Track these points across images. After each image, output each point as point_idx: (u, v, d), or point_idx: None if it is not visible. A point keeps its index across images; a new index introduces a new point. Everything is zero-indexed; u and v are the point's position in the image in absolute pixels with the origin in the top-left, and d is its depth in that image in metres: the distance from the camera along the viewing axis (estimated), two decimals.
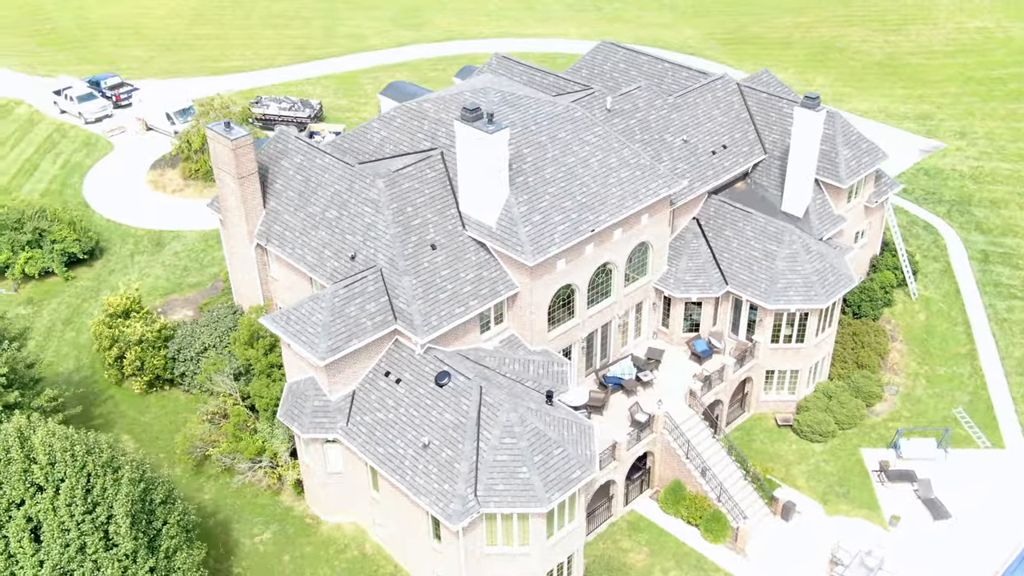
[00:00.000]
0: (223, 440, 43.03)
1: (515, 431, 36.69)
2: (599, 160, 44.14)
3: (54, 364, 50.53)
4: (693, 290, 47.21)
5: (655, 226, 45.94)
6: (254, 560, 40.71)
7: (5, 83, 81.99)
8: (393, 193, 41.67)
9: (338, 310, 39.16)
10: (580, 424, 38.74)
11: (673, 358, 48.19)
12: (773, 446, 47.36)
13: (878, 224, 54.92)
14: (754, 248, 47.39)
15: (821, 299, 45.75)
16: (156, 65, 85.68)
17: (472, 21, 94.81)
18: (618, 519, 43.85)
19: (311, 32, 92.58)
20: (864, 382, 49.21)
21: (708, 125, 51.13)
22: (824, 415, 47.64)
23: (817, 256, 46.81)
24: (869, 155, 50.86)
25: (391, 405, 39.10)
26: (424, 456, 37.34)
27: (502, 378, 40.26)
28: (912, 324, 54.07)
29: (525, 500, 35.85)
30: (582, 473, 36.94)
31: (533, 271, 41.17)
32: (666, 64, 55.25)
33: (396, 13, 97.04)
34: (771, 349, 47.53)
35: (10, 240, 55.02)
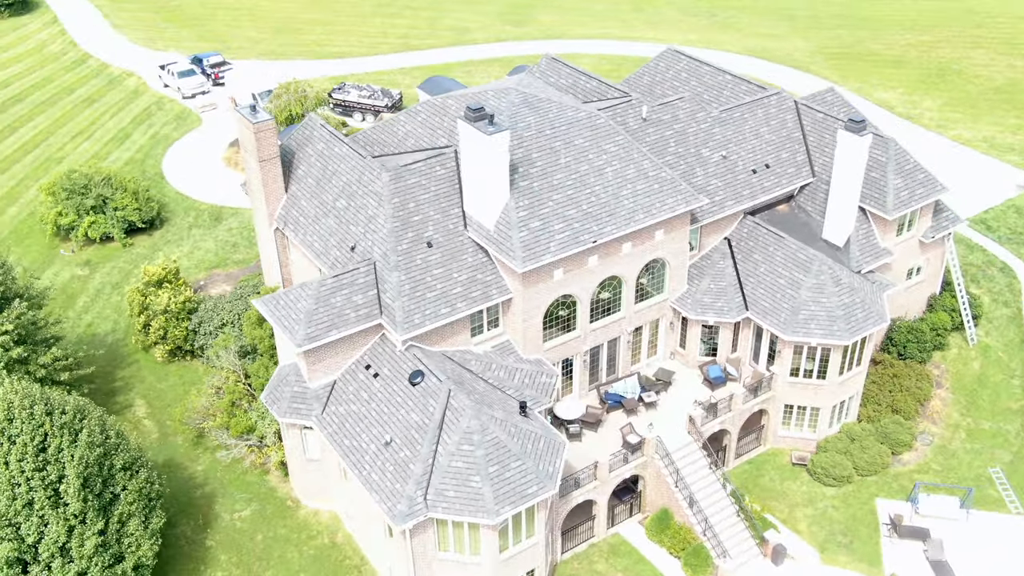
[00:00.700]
0: (220, 415, 44.03)
1: (474, 439, 36.02)
2: (615, 170, 42.80)
3: (94, 325, 52.94)
4: (710, 313, 45.23)
5: (672, 243, 44.22)
6: (228, 535, 41.51)
7: (124, 55, 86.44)
8: (397, 187, 41.56)
9: (324, 299, 39.38)
10: (550, 439, 37.70)
11: (686, 381, 46.34)
12: (782, 484, 44.90)
13: (938, 261, 51.21)
14: (780, 275, 44.99)
15: (844, 335, 43.01)
16: (264, 47, 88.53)
17: (577, 21, 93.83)
18: (600, 540, 42.52)
19: (417, 23, 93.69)
20: (893, 428, 46.03)
21: (753, 142, 48.83)
22: (842, 458, 44.84)
23: (847, 289, 44.01)
24: (924, 187, 47.44)
25: (365, 399, 39.07)
26: (384, 453, 37.15)
27: (482, 384, 39.62)
28: (963, 372, 50.22)
29: (473, 510, 35.17)
30: (538, 489, 35.93)
31: (525, 278, 40.31)
32: (727, 76, 53.19)
33: (503, 8, 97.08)
34: (790, 383, 45.06)
35: (76, 204, 57.90)
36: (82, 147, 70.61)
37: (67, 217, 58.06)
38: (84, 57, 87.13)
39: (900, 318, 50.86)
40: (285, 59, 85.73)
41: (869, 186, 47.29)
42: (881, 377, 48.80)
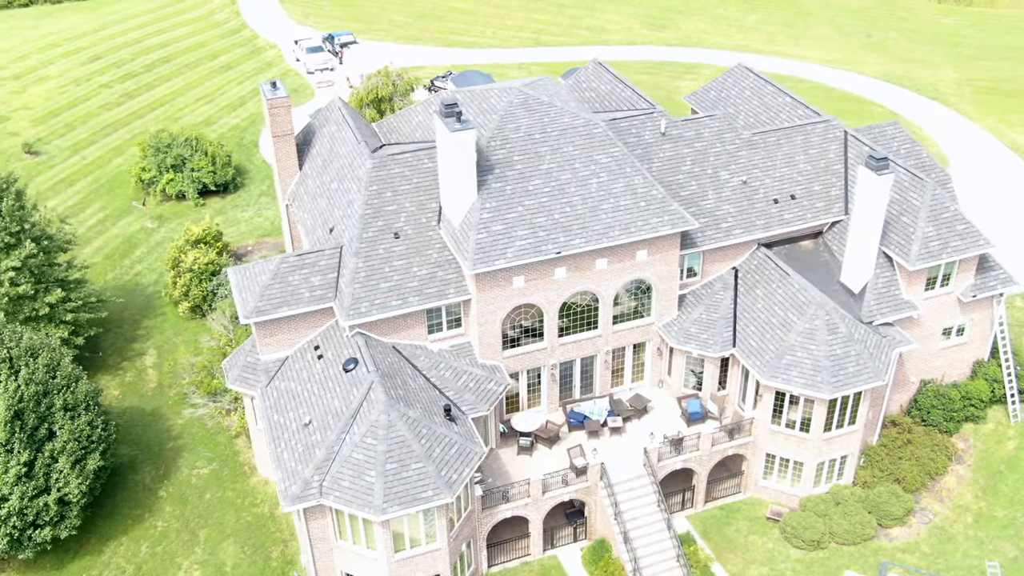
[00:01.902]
0: (199, 374, 45.98)
1: (378, 433, 35.82)
2: (600, 182, 41.17)
3: (141, 275, 56.46)
4: (693, 344, 42.74)
5: (658, 265, 42.05)
6: (181, 489, 43.31)
7: (276, 28, 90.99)
8: (378, 175, 41.78)
9: (282, 276, 40.24)
10: (464, 447, 36.88)
11: (664, 412, 44.08)
12: (748, 537, 41.88)
13: (986, 323, 45.95)
14: (776, 314, 41.87)
15: (825, 388, 39.52)
16: (403, 31, 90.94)
17: (721, 31, 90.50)
18: (534, 560, 41.23)
19: (558, 19, 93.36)
20: (887, 498, 41.86)
21: (783, 170, 45.59)
22: (818, 521, 41.31)
23: (843, 340, 40.35)
24: (963, 239, 42.67)
25: (304, 378, 39.66)
26: (300, 433, 37.60)
27: (420, 381, 39.28)
28: (993, 450, 44.92)
29: (361, 504, 35.02)
30: (433, 495, 35.27)
31: (479, 280, 39.55)
32: (787, 98, 49.98)
33: (650, 11, 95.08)
34: (771, 431, 41.90)
35: (159, 161, 61.83)
36: (200, 110, 75.19)
37: (149, 173, 62.13)
38: (241, 27, 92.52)
39: (933, 381, 46.11)
40: (419, 44, 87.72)
41: (898, 231, 43.09)
42: (894, 441, 44.54)
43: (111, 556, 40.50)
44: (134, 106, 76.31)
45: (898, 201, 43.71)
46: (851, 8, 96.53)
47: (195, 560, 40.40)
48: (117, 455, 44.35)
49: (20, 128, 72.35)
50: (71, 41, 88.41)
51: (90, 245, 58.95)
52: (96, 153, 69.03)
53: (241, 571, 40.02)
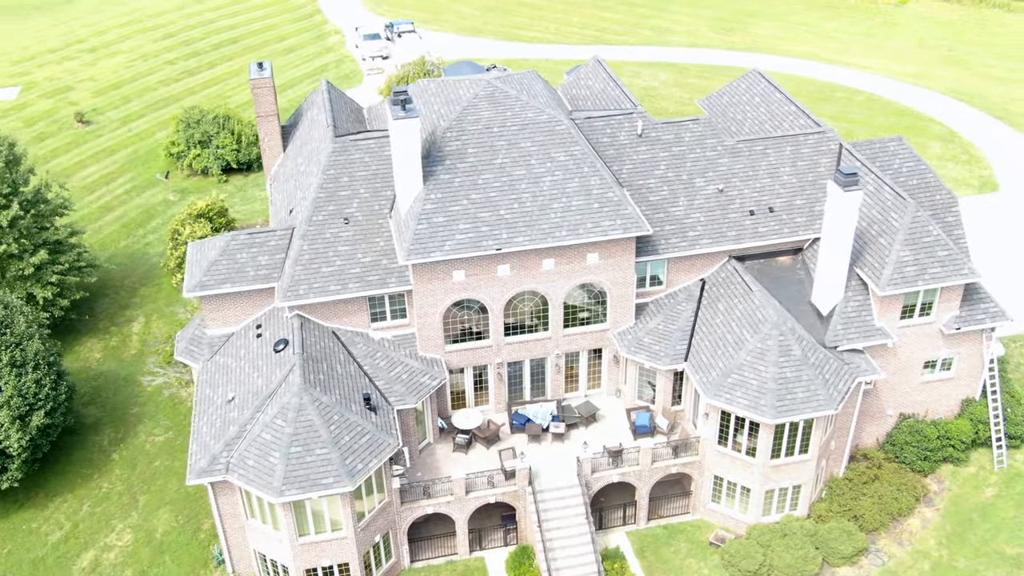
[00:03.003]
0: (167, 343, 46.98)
1: (288, 415, 35.76)
2: (555, 181, 40.05)
3: (150, 245, 58.10)
4: (643, 354, 41.17)
5: (611, 270, 40.65)
6: (133, 454, 44.32)
7: (347, 14, 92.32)
8: (337, 160, 41.78)
9: (230, 253, 40.68)
10: (376, 438, 36.43)
11: (615, 423, 42.66)
12: (685, 560, 40.12)
13: (976, 359, 42.71)
14: (732, 330, 39.93)
15: (768, 412, 37.45)
16: (467, 23, 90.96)
17: (794, 37, 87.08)
18: (460, 560, 40.49)
19: (625, 18, 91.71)
20: (837, 535, 39.43)
21: (765, 181, 43.46)
22: (758, 551, 39.26)
23: (795, 363, 38.13)
24: (944, 267, 39.72)
25: (241, 355, 39.98)
26: (223, 409, 37.90)
27: (352, 368, 39.07)
28: (968, 496, 41.72)
29: (261, 484, 35.03)
30: (334, 482, 35.00)
31: (418, 272, 39.06)
32: (794, 107, 47.70)
33: (722, 14, 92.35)
34: (718, 452, 40.01)
35: (187, 137, 63.52)
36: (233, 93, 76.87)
37: (178, 147, 63.89)
38: (314, 12, 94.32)
39: (914, 416, 43.17)
40: (479, 36, 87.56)
41: (874, 253, 40.47)
42: (860, 475, 41.95)
43: (53, 511, 41.78)
44: (191, 83, 78.64)
45: (879, 221, 41.07)
46: (940, 21, 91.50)
47: (129, 524, 41.28)
48: (82, 415, 45.82)
49: (80, 98, 75.52)
50: (152, 18, 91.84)
51: (111, 213, 61.06)
52: (143, 126, 71.45)
53: (170, 539, 40.66)
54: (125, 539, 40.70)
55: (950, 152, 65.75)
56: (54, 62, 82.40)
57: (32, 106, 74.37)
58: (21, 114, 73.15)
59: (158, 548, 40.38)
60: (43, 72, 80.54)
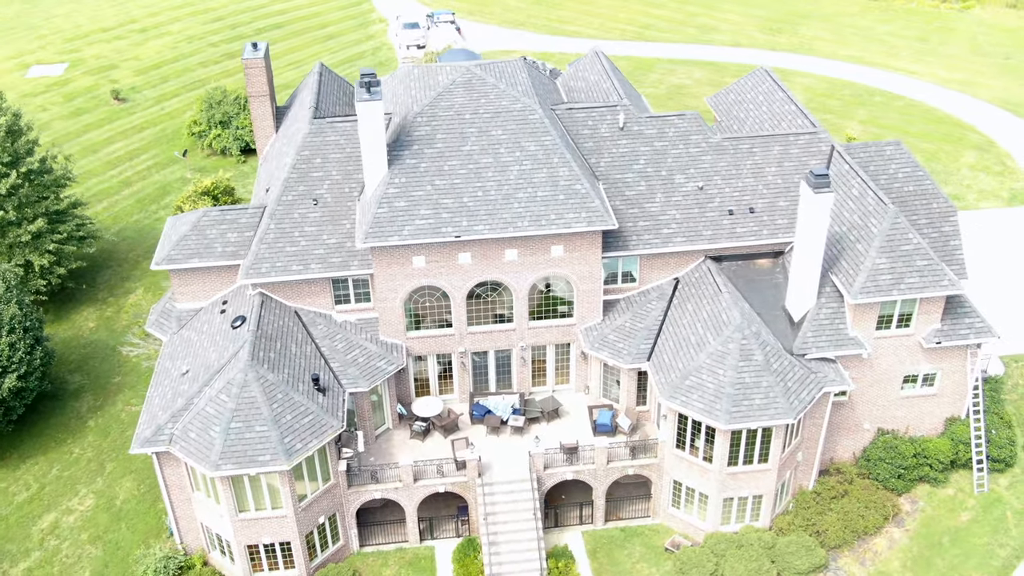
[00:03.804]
0: None
1: (231, 391, 35.95)
2: (522, 170, 39.46)
3: (160, 220, 59.13)
4: (606, 351, 40.32)
5: (576, 264, 39.89)
6: (107, 422, 45.11)
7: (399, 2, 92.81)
8: (312, 141, 41.89)
9: (200, 228, 41.14)
10: (319, 419, 36.37)
11: (578, 420, 41.89)
12: (636, 564, 39.19)
13: (962, 377, 40.73)
14: (696, 331, 38.84)
15: (721, 418, 36.29)
16: (511, 15, 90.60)
17: (843, 39, 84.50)
18: (410, 548, 40.21)
19: (673, 15, 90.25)
20: (794, 550, 38.05)
21: (748, 180, 42.16)
22: (710, 559, 38.12)
23: (755, 368, 36.88)
24: (922, 276, 37.93)
25: (204, 330, 40.37)
26: (176, 382, 38.31)
27: (306, 348, 39.12)
28: (942, 518, 39.79)
29: (199, 457, 35.29)
30: (270, 459, 35.06)
31: (378, 255, 38.90)
32: (793, 108, 46.31)
33: (772, 14, 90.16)
34: (676, 455, 38.97)
35: (208, 116, 64.57)
36: (284, 74, 77.78)
37: (199, 126, 64.99)
38: (362, 0, 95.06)
39: (894, 432, 41.40)
40: (521, 29, 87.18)
41: (850, 259, 38.90)
42: (829, 490, 40.42)
43: (23, 473, 42.84)
44: (229, 66, 79.95)
45: (858, 226, 39.46)
46: (1004, 28, 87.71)
47: (93, 489, 42.08)
48: (66, 381, 46.94)
49: (122, 76, 77.44)
50: (204, 1, 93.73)
51: (129, 188, 62.42)
52: (175, 106, 72.90)
53: (128, 507, 41.32)
54: (87, 504, 41.50)
55: (984, 162, 62.94)
56: (104, 41, 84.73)
57: (74, 82, 76.58)
58: (63, 89, 75.39)
59: (116, 515, 41.07)
60: (92, 50, 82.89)
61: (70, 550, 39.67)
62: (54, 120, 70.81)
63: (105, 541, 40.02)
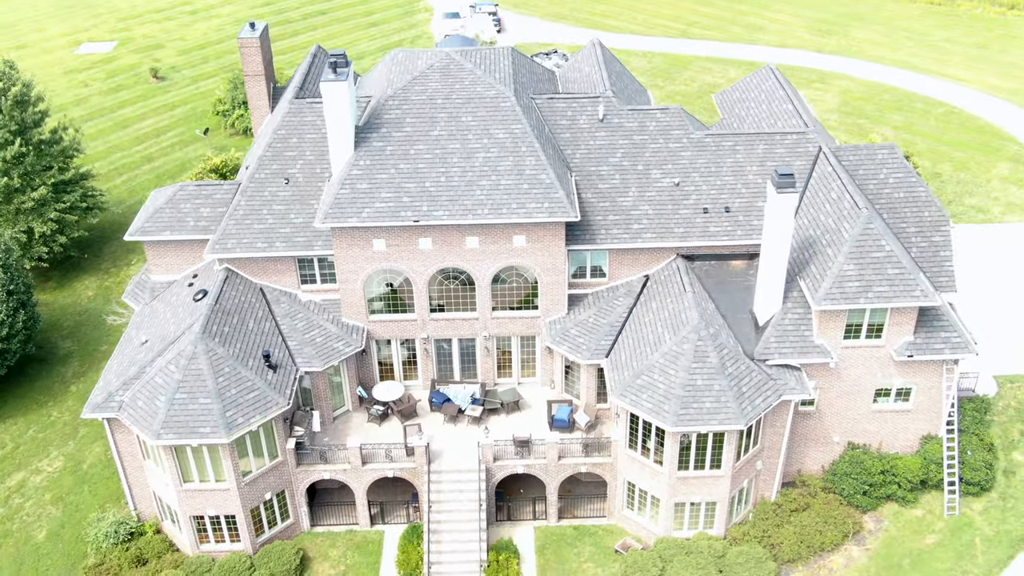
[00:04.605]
0: None
1: (180, 362, 36.37)
2: (488, 158, 39.02)
3: None
4: (565, 346, 39.64)
5: (539, 255, 39.28)
6: (89, 387, 45.83)
7: None
8: (290, 120, 42.14)
9: (175, 202, 41.75)
10: (264, 395, 36.49)
11: (539, 414, 41.28)
12: (583, 564, 38.45)
13: (938, 393, 38.90)
14: (655, 330, 37.92)
15: (668, 419, 35.34)
16: (552, 8, 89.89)
17: (895, 44, 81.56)
18: (359, 531, 40.14)
19: (721, 13, 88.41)
20: (743, 561, 36.87)
21: (727, 179, 40.98)
22: (656, 564, 37.20)
23: (708, 371, 35.78)
24: (892, 286, 36.28)
25: (172, 302, 40.91)
26: (136, 351, 38.92)
27: (265, 325, 39.36)
28: (906, 540, 38.04)
29: (143, 425, 35.79)
30: (210, 432, 35.36)
31: (338, 236, 38.89)
32: (790, 107, 45.00)
33: (824, 15, 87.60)
34: (628, 456, 38.11)
35: (232, 96, 65.60)
36: None
37: (224, 106, 66.07)
38: None
39: (867, 447, 39.80)
40: (560, 22, 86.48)
41: (819, 263, 37.46)
42: (791, 501, 39.08)
43: (2, 433, 44.09)
44: None
45: (832, 230, 37.98)
46: None
47: (64, 452, 43.10)
48: (57, 347, 48.23)
49: (165, 55, 79.26)
50: None
51: (151, 163, 63.80)
52: (209, 86, 74.23)
53: (94, 471, 42.19)
54: (55, 465, 42.52)
55: (1018, 175, 60.07)
56: (155, 21, 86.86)
57: (119, 60, 78.65)
58: (107, 66, 77.50)
59: (81, 478, 41.97)
60: (142, 30, 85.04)
61: (32, 509, 40.69)
62: (93, 95, 72.83)
63: (66, 503, 40.94)
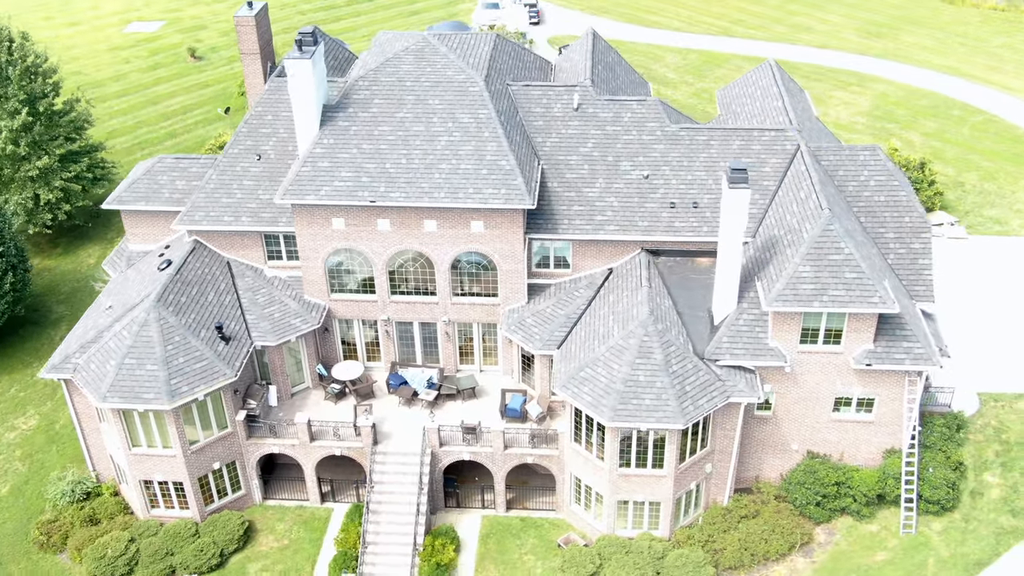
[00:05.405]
0: None
1: (132, 328, 37.09)
2: (450, 141, 38.83)
3: None
4: (520, 335, 39.24)
5: (497, 242, 38.94)
6: None
7: None
8: (268, 98, 42.64)
9: (152, 174, 42.65)
10: (212, 366, 36.93)
11: (495, 402, 40.95)
12: (523, 555, 38.05)
13: (900, 405, 37.36)
14: (607, 323, 37.29)
15: (605, 414, 34.71)
16: (598, 3, 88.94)
17: (945, 49, 78.60)
18: (309, 507, 40.42)
19: (768, 12, 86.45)
20: (680, 564, 36.02)
21: (698, 174, 40.03)
22: (593, 561, 36.63)
23: (653, 368, 35.02)
24: (849, 291, 34.93)
25: (142, 270, 41.76)
26: (100, 315, 39.83)
27: (226, 298, 39.88)
28: (855, 555, 36.62)
29: (92, 388, 36.61)
30: (153, 397, 35.99)
31: (298, 214, 39.17)
32: (780, 104, 43.87)
33: (877, 17, 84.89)
34: (574, 449, 37.57)
35: None
36: (355, 45, 79.26)
37: None
38: None
39: (827, 457, 38.48)
40: (601, 15, 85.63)
41: (777, 264, 36.30)
42: (742, 507, 38.06)
43: None
44: None
45: (794, 230, 36.76)
46: None
47: (40, 411, 44.43)
48: (52, 311, 49.80)
49: (207, 36, 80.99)
50: None
51: (173, 139, 65.26)
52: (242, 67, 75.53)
53: (65, 432, 43.38)
54: (30, 424, 43.84)
55: None
56: (204, 3, 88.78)
57: (163, 39, 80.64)
58: (150, 45, 79.54)
59: (52, 437, 43.21)
60: (192, 11, 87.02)
61: (0, 464, 42.02)
62: (132, 72, 74.82)
63: (33, 460, 42.18)
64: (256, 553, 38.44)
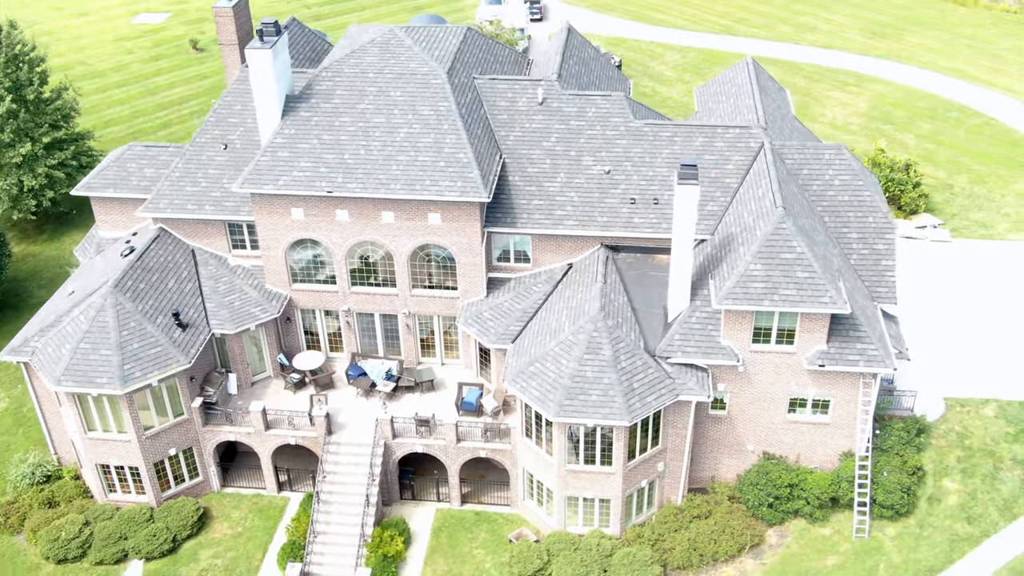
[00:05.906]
0: None
1: (89, 313, 37.44)
2: (409, 134, 38.83)
3: None
4: (475, 328, 39.18)
5: (456, 235, 38.89)
6: None
7: None
8: (237, 88, 42.89)
9: (122, 161, 43.03)
10: (166, 352, 37.21)
11: (452, 394, 40.94)
12: (473, 549, 38.02)
13: (855, 407, 36.86)
14: (560, 318, 37.14)
15: (550, 408, 34.58)
16: (604, 1, 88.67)
17: (950, 51, 77.43)
18: (267, 495, 40.64)
19: (774, 11, 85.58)
20: (628, 563, 35.80)
21: (660, 170, 39.76)
22: (541, 557, 36.51)
23: (601, 364, 34.83)
24: (800, 290, 34.52)
25: (108, 256, 42.13)
26: (62, 300, 40.18)
27: (188, 286, 40.14)
28: (805, 558, 36.19)
29: (48, 371, 37.01)
30: (106, 382, 36.30)
31: (257, 203, 39.35)
32: (753, 101, 43.45)
33: (884, 18, 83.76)
34: (525, 444, 37.48)
35: None
36: None
37: None
38: None
39: (783, 458, 38.08)
40: (606, 13, 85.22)
41: (731, 261, 35.95)
42: (694, 507, 37.77)
43: None
44: (313, 27, 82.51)
45: (749, 228, 36.38)
46: None
47: (10, 394, 44.99)
48: (33, 295, 50.44)
49: (211, 28, 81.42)
50: None
51: (166, 129, 65.82)
52: None
53: (33, 415, 43.77)
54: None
55: None
56: None
57: (167, 30, 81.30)
58: (155, 36, 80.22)
59: (19, 420, 43.74)
60: (197, 2, 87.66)
61: None
62: (134, 62, 75.52)
63: None
64: (209, 540, 38.69)
